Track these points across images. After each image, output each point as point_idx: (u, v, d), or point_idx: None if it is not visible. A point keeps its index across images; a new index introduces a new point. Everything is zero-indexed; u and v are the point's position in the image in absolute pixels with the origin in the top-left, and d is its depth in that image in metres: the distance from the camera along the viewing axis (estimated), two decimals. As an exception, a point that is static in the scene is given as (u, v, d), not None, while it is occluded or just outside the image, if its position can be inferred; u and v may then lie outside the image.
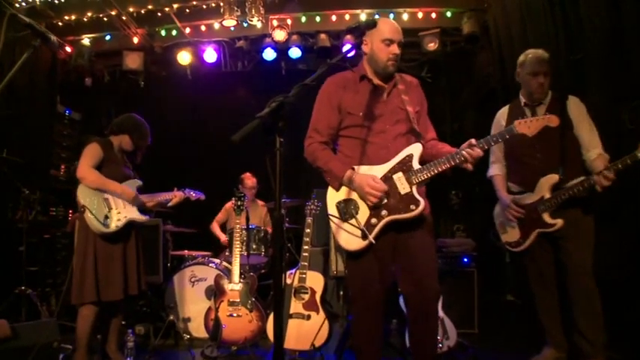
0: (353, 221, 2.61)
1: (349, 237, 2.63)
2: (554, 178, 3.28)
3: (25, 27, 1.98)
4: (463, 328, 4.45)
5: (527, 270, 3.57)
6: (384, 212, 2.58)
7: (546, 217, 3.30)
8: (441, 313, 3.88)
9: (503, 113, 3.64)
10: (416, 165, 2.60)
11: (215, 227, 5.88)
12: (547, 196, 3.30)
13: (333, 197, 2.72)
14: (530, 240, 3.40)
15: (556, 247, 3.36)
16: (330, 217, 2.68)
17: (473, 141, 2.52)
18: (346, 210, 2.65)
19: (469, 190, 5.75)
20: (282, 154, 1.81)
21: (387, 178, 2.61)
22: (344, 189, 2.69)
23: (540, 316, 3.51)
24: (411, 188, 2.58)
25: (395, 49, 2.68)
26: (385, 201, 2.58)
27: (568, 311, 3.35)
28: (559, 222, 3.25)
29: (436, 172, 2.56)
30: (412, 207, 2.55)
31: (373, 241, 2.56)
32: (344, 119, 2.76)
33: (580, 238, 3.26)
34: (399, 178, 2.60)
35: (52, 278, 5.50)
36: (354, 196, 2.66)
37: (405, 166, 2.61)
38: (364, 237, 2.57)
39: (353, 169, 2.67)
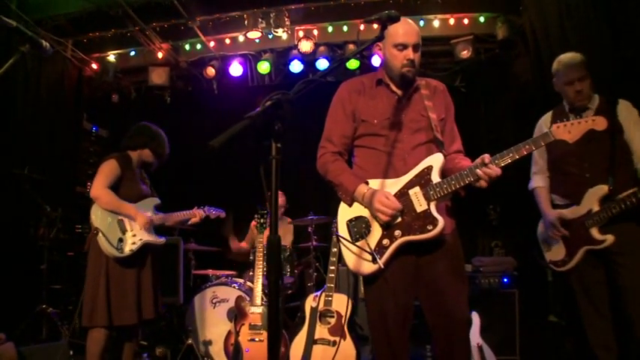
0: (362, 242, 2.35)
1: (358, 260, 2.35)
2: (603, 189, 2.95)
3: (12, 31, 1.83)
4: (503, 354, 4.15)
5: (574, 292, 3.22)
6: (397, 232, 2.30)
7: (595, 233, 2.97)
8: (479, 340, 3.57)
9: (546, 119, 3.33)
10: (435, 178, 2.31)
11: (233, 243, 5.62)
12: (595, 209, 2.97)
13: (345, 214, 2.45)
14: (577, 259, 3.06)
15: (608, 265, 3.02)
16: (340, 238, 2.42)
17: (486, 158, 2.20)
18: (356, 229, 2.38)
19: (508, 204, 5.41)
20: (280, 163, 1.55)
21: (403, 194, 2.33)
22: (356, 205, 2.42)
23: (592, 343, 3.13)
24: (428, 205, 2.28)
25: (409, 54, 2.39)
26: (399, 220, 2.30)
27: (624, 338, 2.99)
28: (609, 238, 2.92)
29: (451, 190, 2.27)
30: (429, 227, 2.25)
31: (382, 266, 2.28)
32: (358, 127, 2.51)
33: (637, 252, 2.90)
34: (415, 193, 2.32)
35: (76, 296, 5.41)
36: (366, 213, 2.38)
37: (423, 179, 2.33)
38: (374, 261, 2.30)
39: (367, 183, 2.40)
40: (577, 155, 3.02)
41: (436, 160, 2.34)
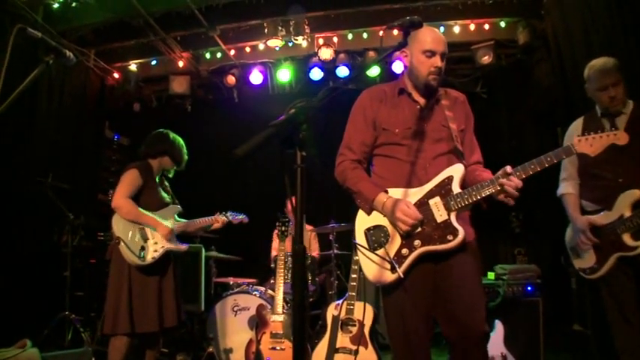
0: (381, 251, 2.32)
1: (377, 269, 2.32)
2: (635, 194, 2.88)
3: (38, 42, 1.86)
4: (527, 364, 4.04)
5: (603, 301, 3.13)
6: (416, 242, 2.27)
7: (627, 239, 2.89)
8: (503, 349, 3.51)
9: (577, 126, 3.24)
10: (456, 189, 2.28)
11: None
12: (627, 214, 2.89)
13: (363, 223, 2.42)
14: (608, 266, 2.97)
15: (637, 272, 2.93)
16: (358, 245, 2.38)
17: (508, 169, 2.19)
18: (375, 238, 2.35)
19: (531, 211, 5.32)
20: (304, 172, 1.54)
21: (423, 204, 2.31)
22: (375, 214, 2.39)
23: (618, 350, 3.04)
24: (448, 215, 2.26)
25: (437, 61, 2.38)
26: (419, 229, 2.28)
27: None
28: None
29: (472, 200, 2.24)
30: (449, 237, 2.23)
31: (402, 275, 2.25)
32: (379, 136, 2.49)
33: None
34: (435, 203, 2.29)
35: (99, 303, 5.45)
36: (385, 222, 2.36)
37: (443, 189, 2.30)
38: (393, 270, 2.27)
39: (386, 191, 2.38)
40: (610, 160, 2.93)
41: (457, 171, 2.33)
